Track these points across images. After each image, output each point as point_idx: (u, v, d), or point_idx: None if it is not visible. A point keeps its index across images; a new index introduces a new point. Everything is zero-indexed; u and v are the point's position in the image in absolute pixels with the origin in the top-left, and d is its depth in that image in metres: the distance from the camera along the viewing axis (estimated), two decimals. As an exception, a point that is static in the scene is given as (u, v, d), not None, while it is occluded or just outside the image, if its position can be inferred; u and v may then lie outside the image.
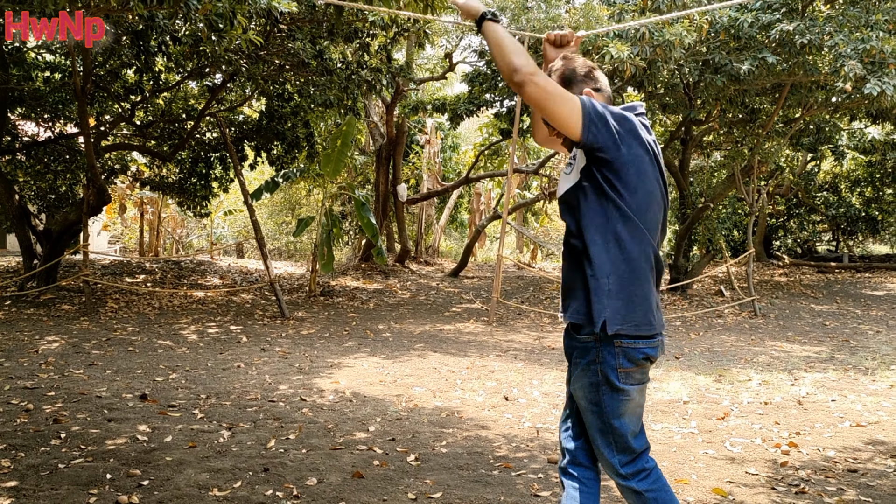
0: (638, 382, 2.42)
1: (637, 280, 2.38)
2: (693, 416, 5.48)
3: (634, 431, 2.46)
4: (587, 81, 2.53)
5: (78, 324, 9.37)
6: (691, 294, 13.89)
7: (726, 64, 10.17)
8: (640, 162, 2.38)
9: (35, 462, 4.17)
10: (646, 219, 2.41)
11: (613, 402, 2.40)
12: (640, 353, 2.39)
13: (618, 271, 2.36)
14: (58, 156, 14.63)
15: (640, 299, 2.38)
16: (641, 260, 2.39)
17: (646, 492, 2.43)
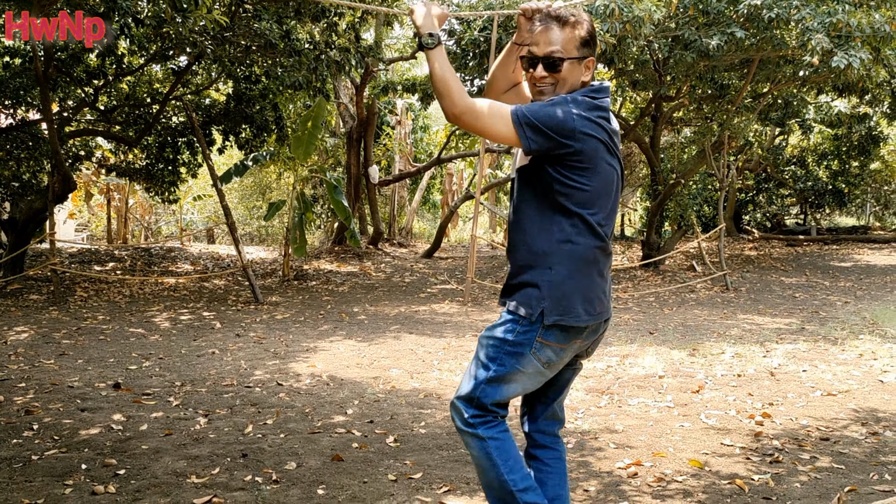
0: (546, 361, 2.39)
1: (583, 272, 2.37)
2: (669, 390, 5.54)
3: (503, 400, 2.45)
4: (588, 50, 2.46)
5: (47, 313, 9.21)
6: (664, 270, 14.03)
7: (696, 40, 10.20)
8: (591, 149, 2.33)
9: (7, 454, 4.10)
10: (595, 209, 2.37)
11: (509, 367, 2.38)
12: (567, 332, 2.37)
13: (563, 262, 2.35)
14: (20, 143, 14.29)
15: (584, 292, 2.37)
16: (591, 250, 2.37)
17: (490, 439, 2.42)
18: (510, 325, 2.38)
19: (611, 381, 5.87)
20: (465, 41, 11.66)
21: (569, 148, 2.29)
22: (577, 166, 2.32)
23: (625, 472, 3.86)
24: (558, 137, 2.27)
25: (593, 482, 3.73)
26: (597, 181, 2.36)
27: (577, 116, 2.29)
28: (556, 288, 2.34)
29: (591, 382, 5.84)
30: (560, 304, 2.34)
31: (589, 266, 2.38)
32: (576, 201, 2.34)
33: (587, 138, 2.30)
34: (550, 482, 2.60)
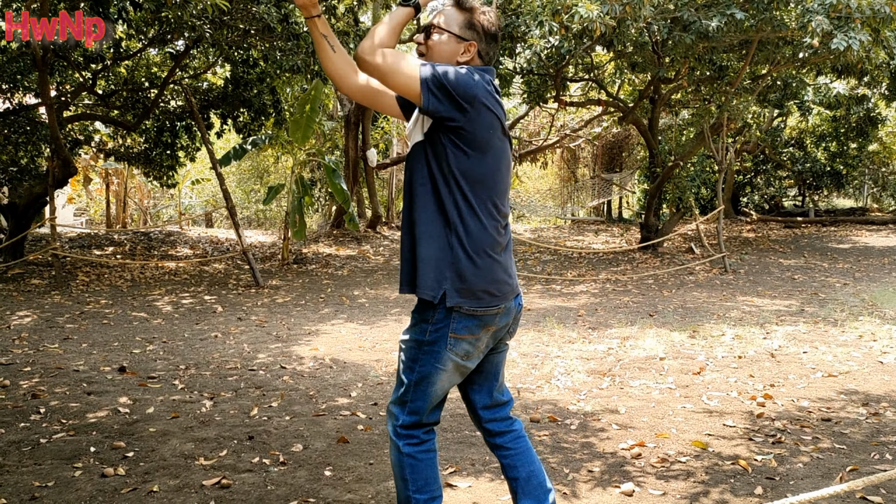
0: (463, 355, 2.39)
1: (483, 252, 2.34)
2: (670, 372, 5.58)
3: (433, 404, 2.46)
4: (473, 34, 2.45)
5: (49, 298, 9.23)
6: (662, 252, 14.06)
7: (695, 21, 10.16)
8: (486, 123, 2.33)
9: (15, 438, 4.13)
10: (493, 183, 2.37)
11: (429, 367, 2.39)
12: (476, 320, 2.36)
13: (461, 241, 2.33)
14: (18, 127, 14.25)
15: (486, 273, 2.35)
16: (488, 229, 2.35)
17: (407, 456, 2.44)
18: (421, 326, 2.39)
19: (612, 363, 5.91)
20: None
21: (464, 114, 2.27)
22: (470, 141, 2.31)
23: (628, 452, 3.90)
24: (459, 100, 2.25)
25: (597, 463, 3.77)
26: (491, 159, 2.36)
27: (482, 86, 2.31)
28: (454, 270, 2.33)
29: (592, 364, 5.88)
30: (462, 284, 2.32)
31: (490, 249, 2.36)
32: (470, 180, 2.33)
33: (484, 110, 2.31)
34: (519, 462, 2.63)
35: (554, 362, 5.99)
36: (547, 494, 2.61)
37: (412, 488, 2.45)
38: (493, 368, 2.62)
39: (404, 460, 2.44)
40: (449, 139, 2.32)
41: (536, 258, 14.04)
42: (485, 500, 3.34)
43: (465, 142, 2.31)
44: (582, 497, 3.35)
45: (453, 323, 2.34)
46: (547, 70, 13.01)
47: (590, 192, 21.91)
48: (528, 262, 13.45)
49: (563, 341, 6.85)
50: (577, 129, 19.06)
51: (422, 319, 2.39)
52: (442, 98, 2.25)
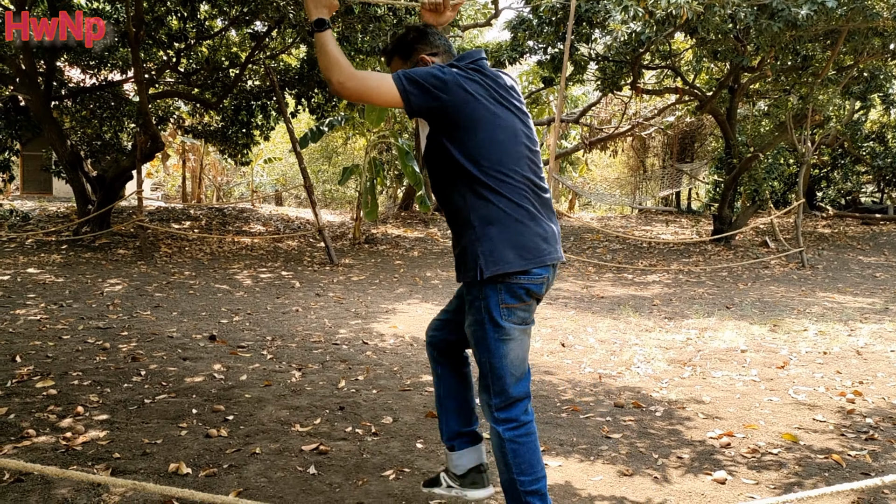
0: (521, 322, 2.46)
1: (502, 220, 2.41)
2: (752, 365, 5.52)
3: (515, 376, 2.49)
4: (422, 47, 2.60)
5: (136, 267, 9.61)
6: (735, 245, 13.80)
7: (783, 9, 9.91)
8: (471, 101, 2.39)
9: (121, 397, 4.36)
10: (500, 154, 2.42)
11: (495, 341, 2.44)
12: (521, 288, 2.42)
13: (481, 217, 2.41)
14: (103, 102, 14.78)
15: (510, 239, 2.40)
16: (502, 198, 2.41)
17: (508, 441, 2.48)
18: (475, 306, 2.47)
19: (692, 353, 5.88)
20: (543, 8, 11.53)
21: (441, 101, 2.35)
22: (456, 123, 2.39)
23: (717, 441, 3.90)
24: (434, 90, 2.34)
25: (686, 450, 3.78)
26: (484, 131, 2.41)
27: (447, 70, 2.40)
28: (482, 242, 2.40)
29: (671, 354, 5.86)
30: (491, 255, 2.39)
31: (509, 217, 2.41)
32: (471, 158, 2.40)
33: (461, 90, 2.37)
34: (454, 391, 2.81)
35: (633, 350, 5.98)
36: (475, 421, 2.78)
37: (515, 471, 2.50)
38: None
39: (506, 445, 2.49)
40: (441, 129, 2.42)
41: (605, 246, 13.95)
42: (577, 479, 3.39)
43: (452, 125, 2.39)
44: (674, 482, 3.37)
45: (501, 294, 2.41)
46: (624, 57, 12.86)
47: (659, 181, 21.57)
48: (598, 251, 13.37)
49: (639, 329, 6.83)
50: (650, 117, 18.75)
51: (474, 299, 2.47)
52: (419, 93, 2.34)
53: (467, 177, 2.41)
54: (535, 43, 14.38)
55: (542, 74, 16.41)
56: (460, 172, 2.42)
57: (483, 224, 2.41)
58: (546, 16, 12.08)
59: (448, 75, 2.38)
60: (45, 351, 5.35)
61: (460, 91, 2.38)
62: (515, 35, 14.43)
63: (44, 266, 9.49)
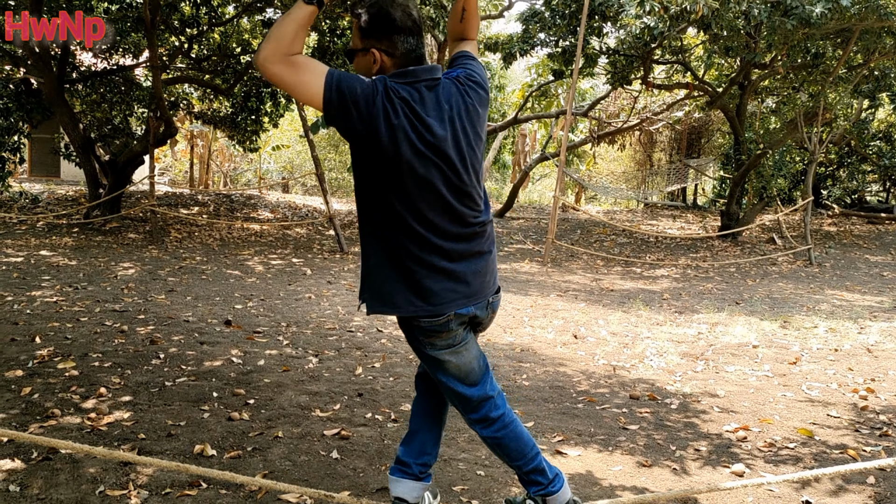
0: (447, 347, 2.35)
1: (402, 260, 2.26)
2: (765, 360, 5.56)
3: (467, 384, 2.43)
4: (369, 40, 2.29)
5: (147, 252, 9.65)
6: (742, 241, 13.82)
7: (797, 6, 9.90)
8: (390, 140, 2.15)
9: (142, 380, 4.40)
10: (423, 191, 2.22)
11: (433, 365, 2.42)
12: (439, 329, 2.31)
13: (382, 250, 2.28)
14: (113, 87, 14.79)
15: (404, 281, 2.27)
16: (413, 237, 2.25)
17: (489, 438, 2.49)
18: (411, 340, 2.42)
19: (703, 348, 5.92)
20: (557, 1, 11.53)
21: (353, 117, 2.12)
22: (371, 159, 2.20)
23: (733, 435, 3.94)
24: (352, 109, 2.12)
25: (703, 443, 3.82)
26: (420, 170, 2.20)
27: (380, 93, 2.16)
28: (375, 279, 2.31)
29: (684, 347, 5.90)
30: (378, 294, 2.32)
31: (413, 259, 2.26)
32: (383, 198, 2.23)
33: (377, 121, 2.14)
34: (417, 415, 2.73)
35: (645, 343, 6.02)
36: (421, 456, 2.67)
37: (509, 460, 2.54)
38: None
39: (489, 442, 2.53)
40: (360, 149, 2.21)
41: (612, 240, 13.98)
42: (596, 469, 3.43)
43: (374, 155, 2.18)
44: (692, 474, 3.42)
45: (415, 331, 2.35)
46: (635, 51, 12.85)
47: (665, 176, 21.56)
48: (605, 244, 13.40)
49: (651, 323, 6.87)
50: (659, 112, 18.75)
51: (408, 336, 2.43)
52: (341, 111, 2.12)
53: (381, 203, 2.25)
54: (546, 35, 14.37)
55: (553, 67, 16.40)
56: (375, 195, 2.26)
57: (381, 257, 2.29)
58: (559, 8, 12.07)
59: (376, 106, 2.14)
60: (64, 332, 5.39)
61: (380, 122, 2.14)
62: (527, 27, 14.42)
63: (56, 249, 9.53)
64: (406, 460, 2.64)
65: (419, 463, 2.64)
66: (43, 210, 12.86)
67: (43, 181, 19.23)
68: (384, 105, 2.15)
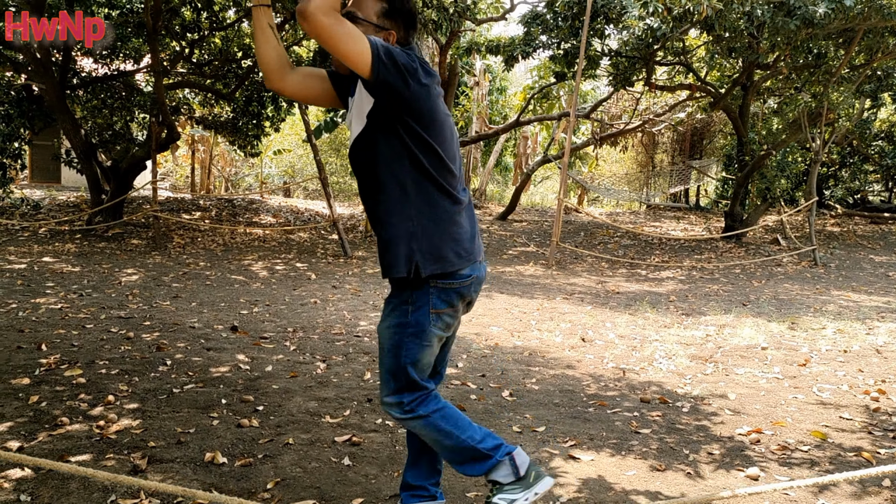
0: (444, 328, 2.41)
1: (443, 218, 2.34)
2: (774, 362, 5.53)
3: (422, 378, 2.44)
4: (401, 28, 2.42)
5: (151, 257, 9.63)
6: (746, 242, 13.79)
7: (801, 6, 9.89)
8: (430, 96, 2.30)
9: (150, 386, 4.38)
10: (446, 151, 2.36)
11: (415, 348, 2.38)
12: (454, 292, 2.38)
13: (422, 212, 2.33)
14: (114, 92, 14.78)
15: (449, 237, 2.35)
16: (445, 195, 2.35)
17: (433, 412, 2.43)
18: (401, 309, 2.39)
19: (712, 350, 5.89)
20: (559, 3, 11.51)
21: (409, 88, 2.23)
22: (419, 116, 2.29)
23: (746, 438, 3.91)
24: (405, 74, 2.22)
25: (715, 446, 3.79)
26: (439, 129, 2.35)
27: (418, 63, 2.28)
28: (421, 241, 2.32)
29: (692, 350, 5.87)
30: (430, 253, 2.32)
31: (450, 215, 2.37)
32: (425, 152, 2.32)
33: (424, 86, 2.27)
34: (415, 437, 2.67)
35: (653, 346, 5.99)
36: (433, 475, 2.64)
37: (458, 433, 2.45)
38: (449, 343, 2.66)
39: (432, 418, 2.43)
40: (398, 116, 2.28)
41: (616, 242, 13.95)
42: (610, 473, 3.40)
43: (414, 117, 2.28)
44: (707, 477, 3.38)
45: (433, 298, 2.35)
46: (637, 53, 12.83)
47: (668, 178, 21.55)
48: (609, 246, 13.37)
49: (658, 326, 6.84)
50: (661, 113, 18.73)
51: (401, 302, 2.38)
52: (391, 69, 2.19)
53: (415, 167, 2.32)
54: (548, 38, 14.35)
55: (555, 69, 16.39)
56: (408, 161, 2.31)
57: (424, 219, 2.33)
58: (562, 10, 12.06)
59: (416, 65, 2.27)
60: (70, 339, 5.37)
61: (423, 83, 2.28)
62: (528, 30, 14.40)
63: (59, 255, 9.51)
64: (420, 484, 2.62)
65: (432, 483, 2.63)
66: (45, 216, 12.84)
67: (44, 187, 19.22)
68: (420, 68, 2.27)
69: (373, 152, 2.34)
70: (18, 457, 2.61)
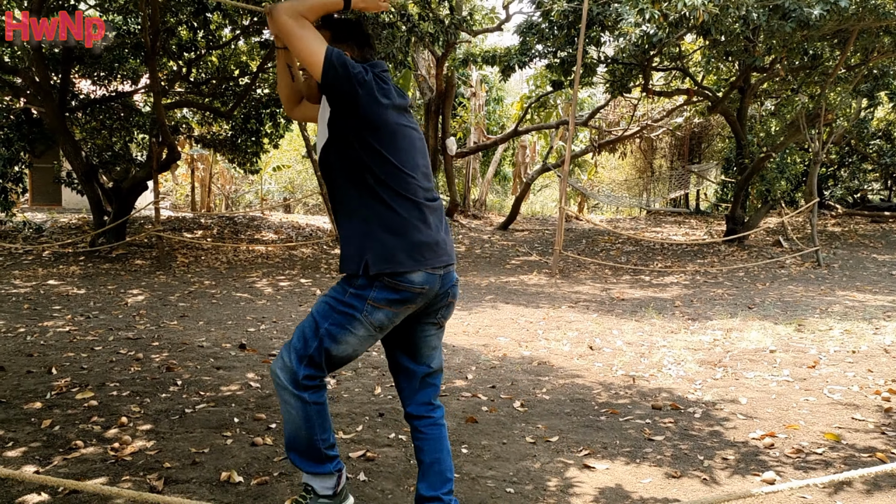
0: (377, 325, 2.46)
1: (398, 222, 2.42)
2: (783, 365, 5.53)
3: (332, 364, 2.52)
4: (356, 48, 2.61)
5: (155, 277, 9.64)
6: (749, 245, 13.81)
7: (796, 9, 9.94)
8: (381, 106, 2.42)
9: (161, 407, 4.38)
10: (403, 160, 2.46)
11: (338, 327, 2.44)
12: (397, 295, 2.42)
13: (378, 215, 2.41)
14: (112, 113, 14.82)
15: (404, 240, 2.42)
16: (402, 200, 2.43)
17: (314, 403, 2.51)
18: (342, 286, 2.48)
19: (721, 354, 5.89)
20: (555, 12, 11.57)
21: (358, 97, 2.37)
22: (367, 124, 2.41)
23: (760, 442, 3.91)
24: (355, 81, 2.36)
25: (730, 451, 3.79)
26: (396, 139, 2.45)
27: (372, 74, 2.44)
28: (374, 241, 2.41)
29: (701, 355, 5.87)
30: (381, 254, 2.40)
31: (406, 220, 2.44)
32: (379, 160, 2.42)
33: (378, 95, 2.41)
34: (428, 448, 2.69)
35: (661, 352, 6.00)
36: (444, 484, 2.66)
37: (318, 432, 2.55)
38: (429, 350, 2.70)
39: (311, 409, 2.51)
40: (351, 125, 2.41)
41: (619, 248, 13.96)
42: (626, 482, 3.40)
43: (366, 126, 2.40)
44: (723, 483, 3.38)
45: (374, 291, 2.41)
46: (634, 59, 12.88)
47: (667, 182, 21.59)
48: (611, 253, 13.39)
49: (665, 331, 6.84)
50: (659, 119, 18.79)
51: (344, 282, 2.48)
52: (341, 74, 2.33)
53: (369, 174, 2.42)
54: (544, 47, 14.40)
55: (551, 78, 16.45)
56: (360, 167, 2.42)
57: (374, 224, 2.42)
58: (557, 19, 12.12)
59: (368, 76, 2.41)
60: (80, 362, 5.37)
61: (374, 92, 2.41)
62: (524, 39, 14.46)
63: (64, 278, 9.52)
64: (433, 495, 2.64)
65: (445, 492, 2.65)
66: (48, 239, 12.86)
67: (45, 210, 19.25)
68: (373, 78, 2.43)
69: (332, 159, 2.48)
70: (44, 478, 2.61)
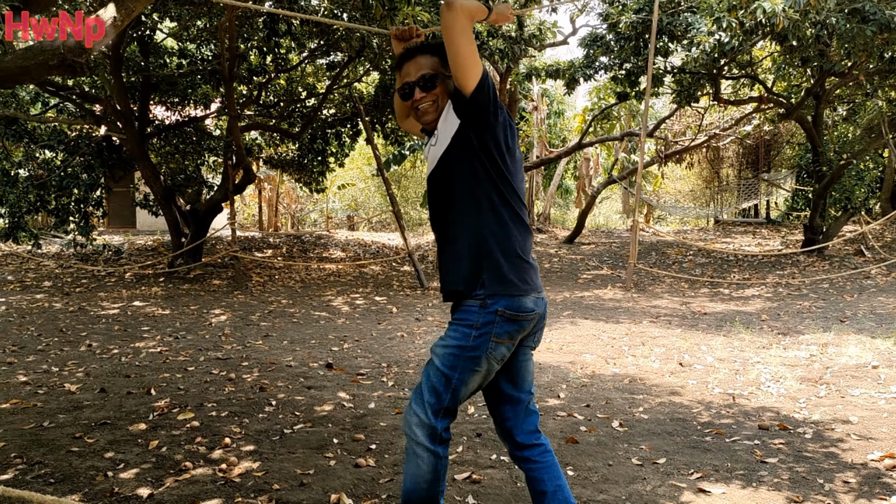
0: (500, 358, 2.40)
1: (514, 244, 2.39)
2: (889, 381, 5.30)
3: (463, 400, 2.44)
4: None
5: (234, 297, 9.81)
6: (829, 255, 13.35)
7: (876, 12, 9.62)
8: (510, 129, 2.44)
9: (261, 427, 4.41)
10: (518, 183, 2.45)
11: (468, 372, 2.37)
12: (516, 325, 2.38)
13: (494, 234, 2.37)
14: (185, 138, 15.24)
15: (517, 263, 2.39)
16: (518, 223, 2.43)
17: (445, 458, 2.43)
18: (464, 331, 2.38)
19: (821, 371, 5.67)
20: (623, 24, 11.45)
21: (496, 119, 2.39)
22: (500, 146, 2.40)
23: (880, 464, 3.73)
24: (496, 103, 2.38)
25: (849, 474, 3.62)
26: (516, 164, 2.47)
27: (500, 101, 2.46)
28: (493, 261, 2.37)
29: (800, 371, 5.67)
30: (499, 277, 2.36)
31: (520, 243, 2.43)
32: (503, 183, 2.41)
33: (506, 119, 2.43)
34: (547, 476, 2.55)
35: (757, 368, 5.80)
36: None
37: (441, 487, 2.46)
38: (526, 376, 2.60)
39: (441, 463, 2.43)
40: (482, 141, 2.39)
41: (691, 260, 13.67)
42: (746, 506, 3.27)
43: (496, 144, 2.40)
44: (850, 508, 3.23)
45: (496, 328, 2.36)
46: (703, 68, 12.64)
47: (734, 192, 21.10)
48: (685, 265, 13.11)
49: (756, 347, 6.63)
50: (727, 127, 18.40)
51: (465, 325, 2.39)
52: (489, 95, 2.35)
53: (494, 190, 2.40)
54: (609, 59, 14.27)
55: (616, 90, 16.28)
56: (486, 184, 2.39)
57: (492, 243, 2.38)
58: (624, 31, 11.99)
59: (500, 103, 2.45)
60: (176, 383, 5.47)
61: (506, 116, 2.45)
62: (589, 52, 14.35)
63: (148, 299, 9.77)
64: None
65: None
66: (127, 261, 13.25)
67: (120, 232, 19.87)
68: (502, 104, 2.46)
69: (453, 173, 2.43)
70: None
